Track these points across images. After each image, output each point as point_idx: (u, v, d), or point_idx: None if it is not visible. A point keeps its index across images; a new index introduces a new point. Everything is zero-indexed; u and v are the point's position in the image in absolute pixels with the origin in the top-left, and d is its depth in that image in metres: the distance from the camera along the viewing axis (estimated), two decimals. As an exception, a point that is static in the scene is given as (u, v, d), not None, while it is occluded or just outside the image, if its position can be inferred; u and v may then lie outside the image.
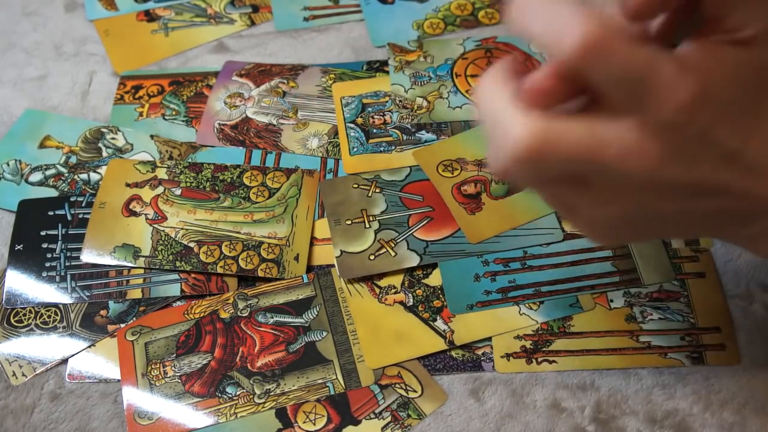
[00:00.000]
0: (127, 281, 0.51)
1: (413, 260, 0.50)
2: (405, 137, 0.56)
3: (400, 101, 0.58)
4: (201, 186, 0.54)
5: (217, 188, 0.54)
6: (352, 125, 0.57)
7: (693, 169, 0.31)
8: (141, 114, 0.59)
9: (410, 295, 0.49)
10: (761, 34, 0.30)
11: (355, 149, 0.56)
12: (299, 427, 0.45)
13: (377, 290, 0.50)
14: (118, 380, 0.47)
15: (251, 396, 0.46)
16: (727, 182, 0.32)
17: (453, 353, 0.47)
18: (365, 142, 0.56)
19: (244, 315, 0.49)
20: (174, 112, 0.59)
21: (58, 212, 0.54)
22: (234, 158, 0.56)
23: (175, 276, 0.51)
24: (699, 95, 0.29)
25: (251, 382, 0.47)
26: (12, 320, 0.49)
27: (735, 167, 0.31)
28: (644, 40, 0.29)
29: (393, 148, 0.56)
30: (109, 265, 0.51)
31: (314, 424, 0.45)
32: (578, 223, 0.37)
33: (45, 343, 0.49)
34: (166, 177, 0.55)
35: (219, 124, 0.58)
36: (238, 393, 0.46)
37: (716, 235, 0.37)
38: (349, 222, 0.52)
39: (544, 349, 0.47)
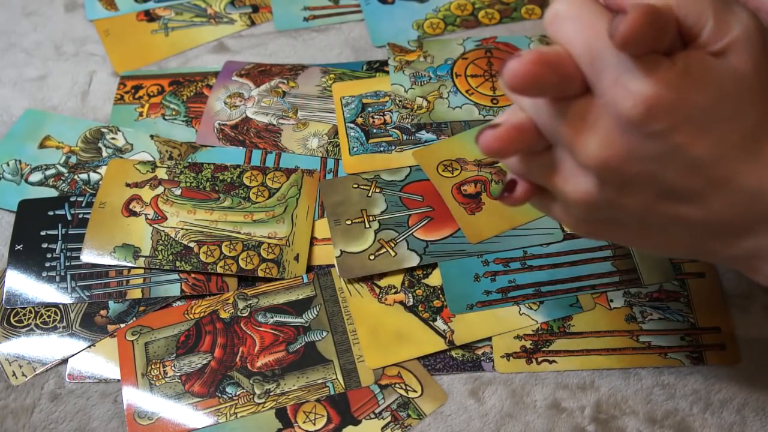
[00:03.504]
0: (127, 281, 0.51)
1: (413, 260, 0.50)
2: (405, 137, 0.56)
3: (400, 101, 0.58)
4: (201, 186, 0.54)
5: (217, 188, 0.54)
6: (352, 125, 0.57)
7: (654, 169, 0.32)
8: (141, 114, 0.59)
9: (410, 295, 0.49)
10: (732, 44, 0.31)
11: (355, 149, 0.56)
12: (299, 427, 0.45)
13: (377, 290, 0.50)
14: (118, 380, 0.47)
15: (251, 396, 0.46)
16: (693, 190, 0.33)
17: (453, 353, 0.47)
18: (365, 142, 0.56)
19: (244, 315, 0.49)
20: (174, 112, 0.59)
21: (58, 212, 0.54)
22: (234, 158, 0.56)
23: (175, 276, 0.51)
24: (662, 99, 0.30)
25: (251, 382, 0.47)
26: (12, 320, 0.49)
27: (703, 177, 0.32)
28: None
29: (393, 148, 0.56)
30: (109, 265, 0.51)
31: (314, 424, 0.45)
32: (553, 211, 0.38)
33: (45, 343, 0.49)
34: (166, 177, 0.55)
35: (219, 124, 0.58)
36: (238, 393, 0.46)
37: (701, 253, 0.37)
38: (349, 222, 0.52)
39: (544, 349, 0.47)
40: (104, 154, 0.57)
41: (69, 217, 0.53)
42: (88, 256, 0.51)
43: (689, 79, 0.30)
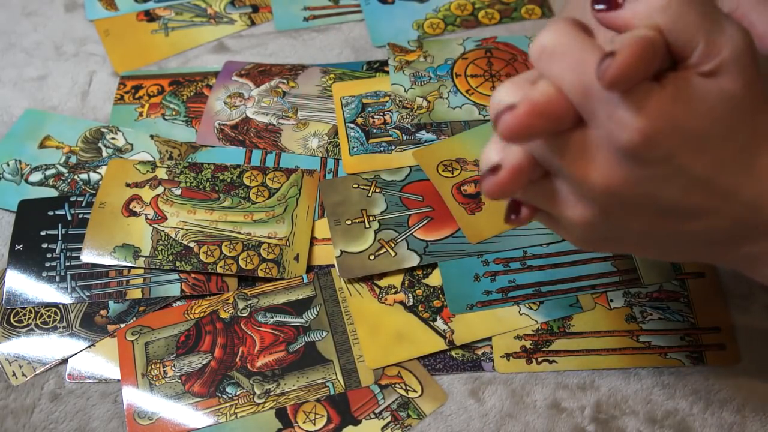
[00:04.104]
0: (127, 281, 0.51)
1: (413, 260, 0.50)
2: (405, 137, 0.56)
3: (400, 101, 0.58)
4: (201, 186, 0.54)
5: (217, 188, 0.54)
6: (352, 125, 0.57)
7: (655, 191, 0.32)
8: (141, 114, 0.59)
9: (410, 295, 0.49)
10: (722, 65, 0.31)
11: (355, 149, 0.56)
12: (299, 427, 0.45)
13: (377, 290, 0.50)
14: (118, 380, 0.47)
15: (251, 396, 0.46)
16: (693, 206, 0.33)
17: (453, 353, 0.47)
18: (365, 142, 0.56)
19: (244, 315, 0.49)
20: (174, 112, 0.59)
21: (58, 212, 0.54)
22: (234, 158, 0.56)
23: (175, 276, 0.51)
24: (656, 129, 0.30)
25: (251, 382, 0.47)
26: (12, 320, 0.49)
27: (702, 194, 0.33)
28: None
29: (393, 148, 0.56)
30: (109, 265, 0.51)
31: (314, 424, 0.45)
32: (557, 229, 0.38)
33: (45, 343, 0.49)
34: (166, 177, 0.55)
35: (219, 124, 0.58)
36: (238, 393, 0.46)
37: (707, 257, 0.38)
38: (349, 222, 0.52)
39: (544, 349, 0.47)
40: (104, 154, 0.57)
41: (69, 217, 0.53)
42: (88, 256, 0.51)
43: (680, 104, 0.31)
